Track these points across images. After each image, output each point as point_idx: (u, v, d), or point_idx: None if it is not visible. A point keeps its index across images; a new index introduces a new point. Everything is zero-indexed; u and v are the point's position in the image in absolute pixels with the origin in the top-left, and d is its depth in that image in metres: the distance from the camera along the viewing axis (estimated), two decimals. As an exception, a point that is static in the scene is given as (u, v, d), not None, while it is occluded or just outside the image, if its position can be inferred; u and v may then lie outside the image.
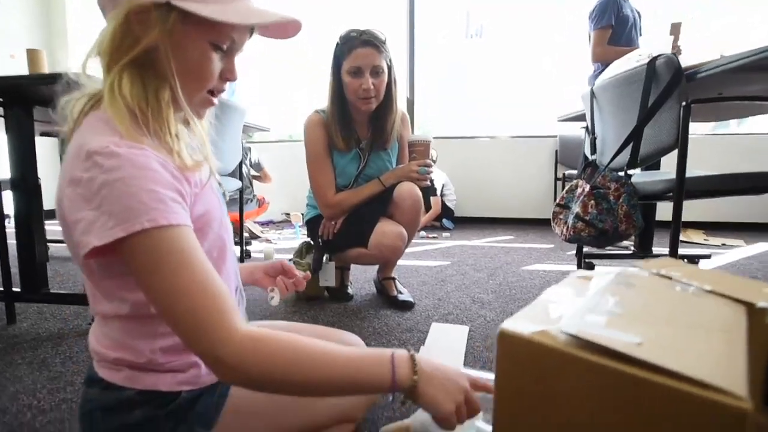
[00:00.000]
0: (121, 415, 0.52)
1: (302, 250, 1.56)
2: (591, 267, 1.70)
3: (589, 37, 2.42)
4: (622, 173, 1.24)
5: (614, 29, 2.31)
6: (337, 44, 1.29)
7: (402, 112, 1.43)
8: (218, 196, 0.58)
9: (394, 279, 1.52)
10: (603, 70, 1.55)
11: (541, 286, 1.70)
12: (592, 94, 1.41)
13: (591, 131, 1.45)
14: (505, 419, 0.39)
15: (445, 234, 3.11)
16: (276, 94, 4.01)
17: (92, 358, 0.55)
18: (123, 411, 0.52)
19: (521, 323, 0.37)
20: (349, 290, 1.57)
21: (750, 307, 0.42)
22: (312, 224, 1.49)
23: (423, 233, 3.07)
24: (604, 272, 0.53)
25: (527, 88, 3.58)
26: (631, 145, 1.18)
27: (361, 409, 0.71)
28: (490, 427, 0.62)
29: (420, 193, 1.33)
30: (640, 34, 2.43)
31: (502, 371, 0.38)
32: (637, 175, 1.36)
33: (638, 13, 2.43)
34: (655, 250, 1.95)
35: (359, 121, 1.39)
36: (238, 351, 0.43)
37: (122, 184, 0.42)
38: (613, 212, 1.21)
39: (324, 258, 1.47)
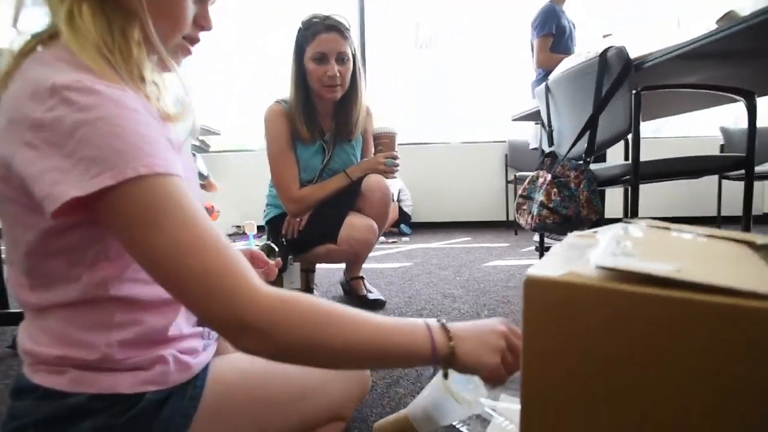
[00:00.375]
0: (63, 430, 0.42)
1: (264, 254, 1.46)
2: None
3: (532, 45, 2.58)
4: (580, 162, 1.29)
5: (554, 37, 2.48)
6: (300, 30, 1.23)
7: (366, 105, 1.40)
8: (193, 165, 0.51)
9: (362, 278, 1.46)
10: (545, 75, 1.64)
11: (507, 279, 1.72)
12: (547, 89, 1.47)
13: (548, 125, 1.51)
14: (534, 373, 0.35)
15: (404, 238, 3.11)
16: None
17: (22, 363, 0.45)
18: (66, 423, 0.42)
19: (546, 269, 0.35)
20: (315, 293, 1.49)
21: (751, 245, 0.43)
22: (274, 224, 1.40)
23: (382, 238, 3.04)
24: (604, 229, 0.52)
25: (477, 95, 3.74)
26: (587, 133, 1.24)
27: (350, 406, 0.65)
28: (495, 403, 0.59)
29: (389, 185, 1.29)
30: (575, 44, 2.63)
31: (531, 321, 0.35)
32: (591, 166, 1.43)
33: (573, 24, 2.63)
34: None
35: (323, 111, 1.34)
36: (268, 313, 0.36)
37: (105, 123, 0.34)
38: (575, 198, 1.26)
39: (288, 259, 1.38)
